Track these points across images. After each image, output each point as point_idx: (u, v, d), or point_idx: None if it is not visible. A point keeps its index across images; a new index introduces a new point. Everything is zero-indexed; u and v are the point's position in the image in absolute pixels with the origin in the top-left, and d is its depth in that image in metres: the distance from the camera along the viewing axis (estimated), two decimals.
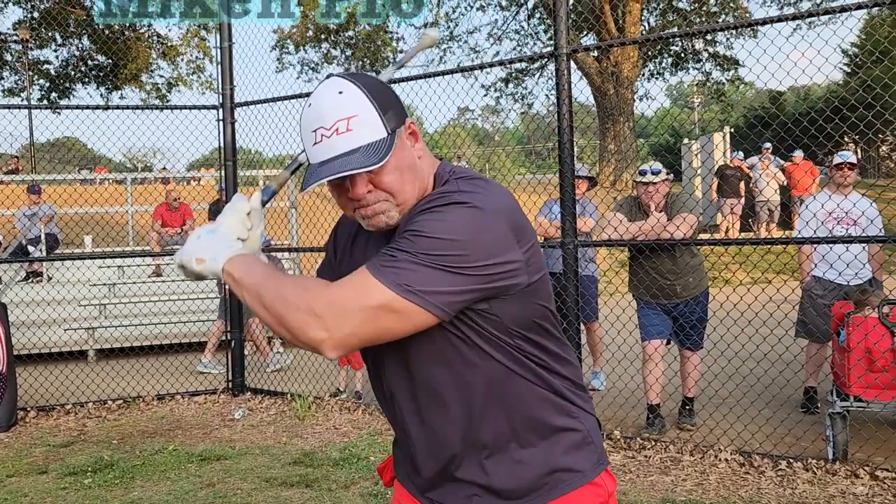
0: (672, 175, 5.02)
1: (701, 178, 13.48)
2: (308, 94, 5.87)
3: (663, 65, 23.92)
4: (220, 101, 6.35)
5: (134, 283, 8.82)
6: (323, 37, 21.11)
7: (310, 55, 21.62)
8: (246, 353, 7.11)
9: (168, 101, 19.32)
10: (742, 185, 13.14)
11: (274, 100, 6.06)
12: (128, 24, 17.62)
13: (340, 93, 1.30)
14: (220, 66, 6.37)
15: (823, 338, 5.05)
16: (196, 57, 19.11)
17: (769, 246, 6.44)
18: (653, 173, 4.71)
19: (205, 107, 6.53)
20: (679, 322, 4.81)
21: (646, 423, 4.78)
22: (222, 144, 6.33)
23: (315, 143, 1.30)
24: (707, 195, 13.30)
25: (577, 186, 5.85)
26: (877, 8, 4.53)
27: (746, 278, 9.94)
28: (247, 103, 6.24)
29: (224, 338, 7.28)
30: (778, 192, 13.19)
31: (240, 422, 5.57)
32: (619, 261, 11.96)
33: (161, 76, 20.27)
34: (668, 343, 4.95)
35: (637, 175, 4.84)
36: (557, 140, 4.90)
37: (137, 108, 7.42)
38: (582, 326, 6.06)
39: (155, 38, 18.98)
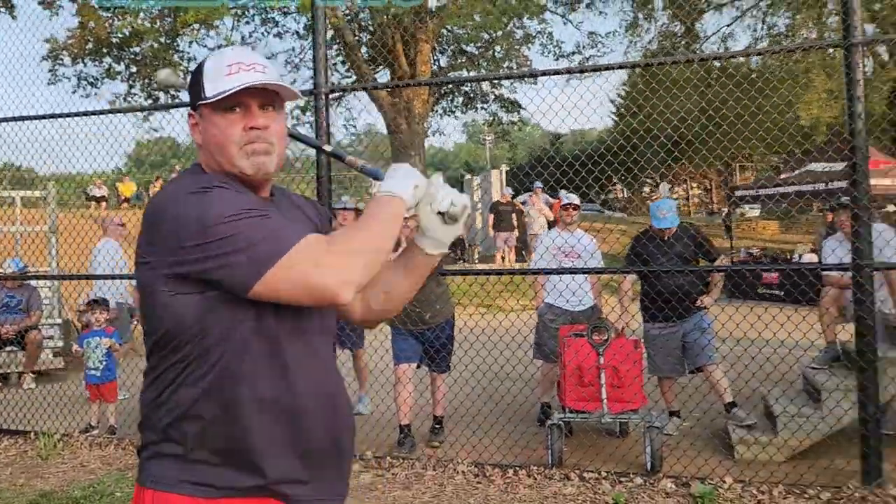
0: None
1: (480, 212, 14.45)
2: (64, 115, 5.49)
3: (455, 103, 25.27)
4: None
5: None
6: (105, 50, 19.83)
7: (89, 69, 20.20)
8: None
9: None
10: (515, 219, 14.30)
11: (17, 119, 5.71)
12: None
13: (252, 49, 1.54)
14: None
15: (554, 358, 5.70)
16: None
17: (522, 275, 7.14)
18: None
19: None
20: (428, 347, 5.20)
21: (397, 443, 5.09)
22: None
23: (229, 74, 1.44)
24: (484, 228, 14.29)
25: (343, 217, 6.14)
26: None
27: (515, 305, 10.85)
28: None
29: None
30: (546, 226, 14.49)
31: None
32: None
33: None
34: (418, 366, 5.32)
35: None
36: (315, 175, 5.14)
37: None
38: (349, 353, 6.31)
39: None
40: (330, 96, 5.47)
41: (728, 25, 18.16)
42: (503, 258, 14.14)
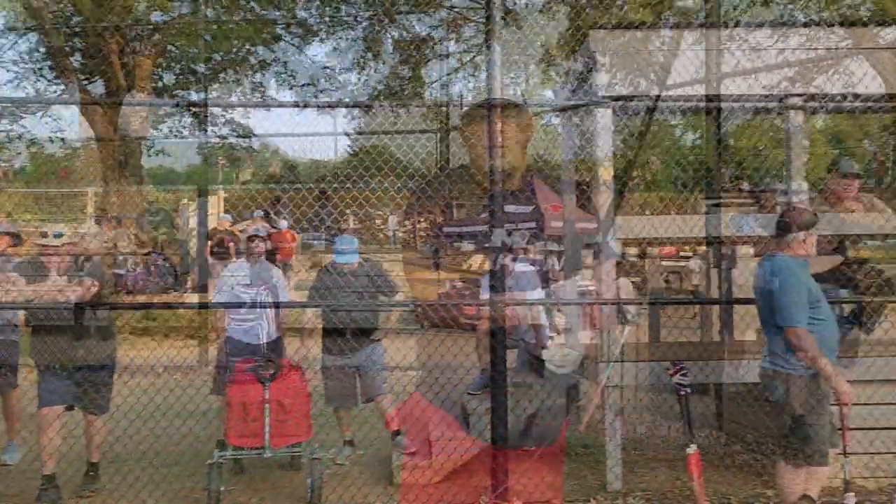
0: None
1: (197, 239, 13.82)
2: None
3: (182, 123, 24.02)
4: None
5: None
6: None
7: None
8: None
9: None
10: (232, 246, 13.83)
11: None
12: None
13: None
14: None
15: None
16: None
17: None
18: (55, 237, 4.66)
19: None
20: (82, 386, 4.76)
21: (36, 497, 4.56)
22: None
23: None
24: (200, 255, 13.68)
25: None
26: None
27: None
28: None
29: None
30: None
31: None
32: None
33: None
34: (71, 408, 4.84)
35: (38, 237, 4.72)
36: None
37: None
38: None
39: None
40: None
41: (447, 75, 19.54)
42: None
